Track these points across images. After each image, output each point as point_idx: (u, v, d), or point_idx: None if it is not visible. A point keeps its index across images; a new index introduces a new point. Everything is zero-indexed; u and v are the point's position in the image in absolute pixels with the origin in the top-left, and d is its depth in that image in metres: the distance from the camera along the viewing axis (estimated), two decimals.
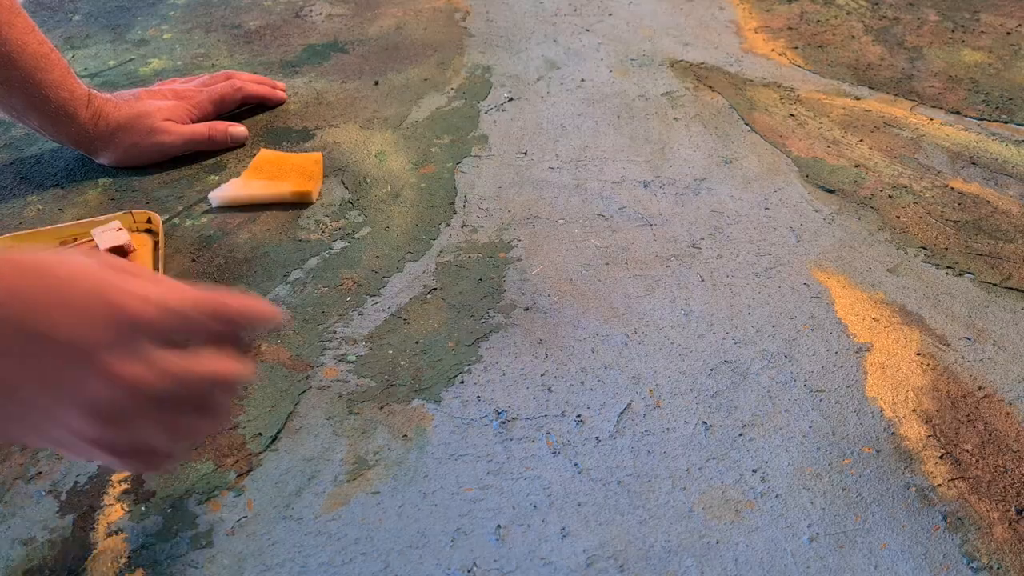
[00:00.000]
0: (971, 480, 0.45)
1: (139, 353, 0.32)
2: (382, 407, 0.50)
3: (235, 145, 0.75)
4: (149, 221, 0.64)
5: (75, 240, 0.62)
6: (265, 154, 0.72)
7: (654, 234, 0.63)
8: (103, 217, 0.63)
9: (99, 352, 0.31)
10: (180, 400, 0.33)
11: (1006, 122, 0.74)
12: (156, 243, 0.63)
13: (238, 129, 0.75)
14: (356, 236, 0.64)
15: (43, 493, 0.46)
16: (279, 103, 0.81)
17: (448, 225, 0.65)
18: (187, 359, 0.33)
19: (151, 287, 0.33)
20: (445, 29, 0.95)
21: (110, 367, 0.31)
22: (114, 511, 0.45)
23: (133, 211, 0.64)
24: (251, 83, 0.80)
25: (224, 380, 0.34)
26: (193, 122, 0.74)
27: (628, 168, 0.70)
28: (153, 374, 0.31)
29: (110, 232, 0.61)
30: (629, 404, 0.50)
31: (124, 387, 0.31)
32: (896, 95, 0.78)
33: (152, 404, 0.32)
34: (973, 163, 0.69)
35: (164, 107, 0.73)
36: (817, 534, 0.43)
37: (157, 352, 0.32)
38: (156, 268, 0.61)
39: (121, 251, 0.61)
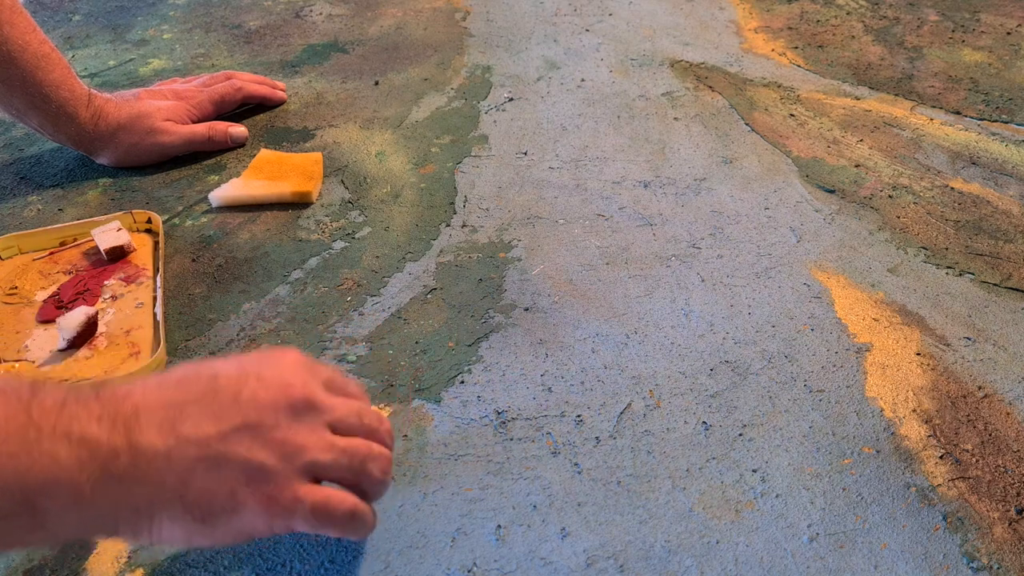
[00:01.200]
0: (971, 480, 0.45)
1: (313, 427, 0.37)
2: (382, 407, 0.50)
3: (235, 145, 0.75)
4: (149, 221, 0.64)
5: (75, 240, 0.62)
6: (265, 154, 0.72)
7: (654, 234, 0.63)
8: (103, 217, 0.63)
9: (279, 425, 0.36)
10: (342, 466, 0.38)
11: (1006, 122, 0.74)
12: (156, 243, 0.63)
13: (238, 129, 0.75)
14: (356, 236, 0.64)
15: None
16: (279, 103, 0.81)
17: (448, 225, 0.65)
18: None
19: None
20: (445, 29, 0.95)
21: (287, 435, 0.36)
22: None
23: (133, 211, 0.64)
24: (251, 83, 0.80)
25: (380, 456, 0.39)
26: (193, 122, 0.74)
27: (628, 168, 0.70)
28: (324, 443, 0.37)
29: (110, 232, 0.61)
30: (629, 404, 0.50)
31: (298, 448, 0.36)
32: (896, 95, 0.78)
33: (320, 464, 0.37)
34: (973, 163, 0.69)
35: (164, 107, 0.73)
36: (817, 534, 0.43)
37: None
38: (156, 268, 0.60)
39: (121, 251, 0.61)
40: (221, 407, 0.35)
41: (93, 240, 0.62)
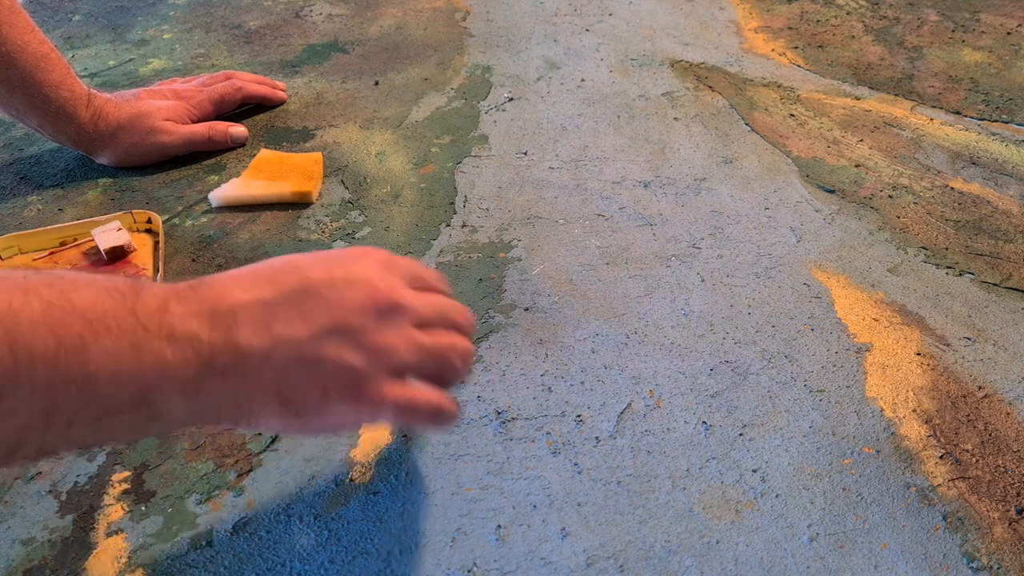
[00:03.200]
0: (971, 480, 0.45)
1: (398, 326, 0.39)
2: None
3: (235, 145, 0.75)
4: (149, 221, 0.64)
5: (75, 240, 0.62)
6: (265, 154, 0.72)
7: (654, 234, 0.63)
8: (103, 217, 0.63)
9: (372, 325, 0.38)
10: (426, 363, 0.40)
11: (1006, 122, 0.74)
12: (156, 243, 0.63)
13: (238, 129, 0.75)
14: (356, 236, 0.64)
15: (43, 493, 0.46)
16: (279, 103, 0.81)
17: (448, 225, 0.65)
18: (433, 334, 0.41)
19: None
20: (445, 29, 0.95)
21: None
22: (114, 511, 0.45)
23: (133, 211, 0.64)
24: (251, 83, 0.80)
25: (462, 349, 0.41)
26: (193, 122, 0.74)
27: (628, 168, 0.70)
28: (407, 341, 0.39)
29: (110, 232, 0.61)
30: (629, 404, 0.50)
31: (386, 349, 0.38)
32: (896, 95, 0.78)
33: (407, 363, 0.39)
34: (973, 163, 0.69)
35: (164, 107, 0.73)
36: (817, 534, 0.43)
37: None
38: (156, 268, 0.61)
39: (121, 251, 0.61)
40: (312, 309, 0.37)
41: (93, 240, 0.62)
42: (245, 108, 0.80)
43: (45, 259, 0.61)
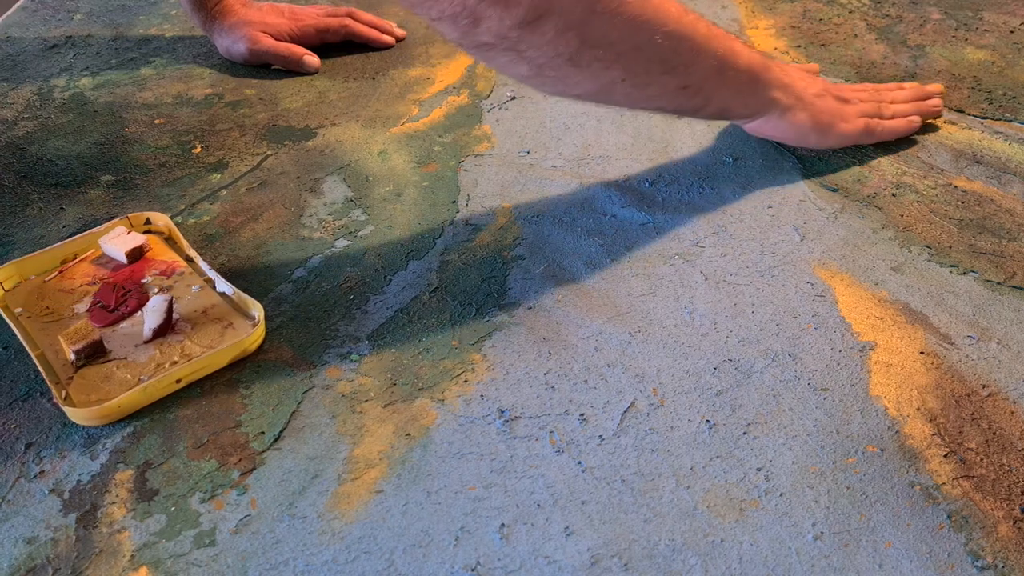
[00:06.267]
0: (976, 479, 0.45)
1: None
2: (385, 406, 0.50)
3: (305, 71, 0.86)
4: (148, 222, 0.64)
5: (75, 257, 0.61)
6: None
7: (657, 232, 0.63)
8: (101, 228, 0.62)
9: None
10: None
11: (1009, 120, 0.73)
12: (166, 239, 0.63)
13: (312, 59, 0.86)
14: (359, 234, 0.64)
15: (46, 492, 0.46)
16: (384, 47, 0.90)
17: (451, 223, 0.65)
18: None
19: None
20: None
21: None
22: (117, 509, 0.45)
23: (129, 216, 0.64)
24: (359, 24, 0.90)
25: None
26: (292, 41, 0.87)
27: (631, 167, 0.70)
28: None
29: (120, 237, 0.61)
30: (633, 403, 0.50)
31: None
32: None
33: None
34: (976, 161, 0.69)
35: (270, 21, 0.87)
36: (822, 532, 0.42)
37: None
38: (187, 257, 0.61)
39: (139, 251, 0.61)
40: (813, 81, 0.69)
41: (98, 251, 0.61)
42: (355, 45, 0.90)
43: (56, 278, 0.60)
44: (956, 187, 0.66)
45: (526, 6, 0.48)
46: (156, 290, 0.58)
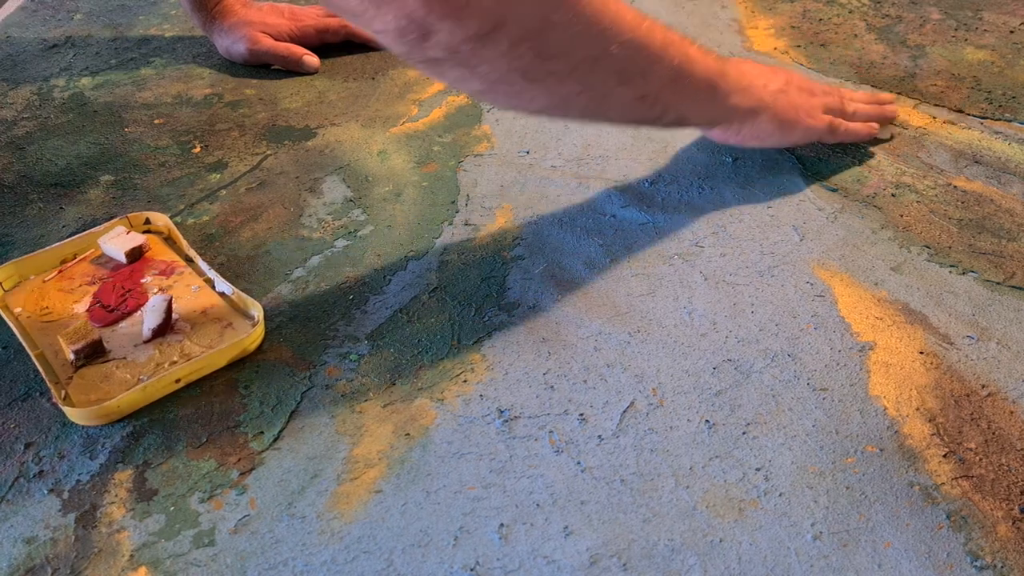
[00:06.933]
0: (975, 479, 0.45)
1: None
2: (385, 406, 0.50)
3: (305, 71, 0.86)
4: (147, 222, 0.64)
5: (75, 257, 0.61)
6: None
7: (657, 232, 0.63)
8: (101, 228, 0.62)
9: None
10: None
11: (1009, 120, 0.73)
12: (166, 239, 0.63)
13: (311, 59, 0.86)
14: (358, 234, 0.64)
15: (45, 491, 0.46)
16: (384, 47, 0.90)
17: (451, 223, 0.65)
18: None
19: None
20: None
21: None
22: (116, 509, 0.45)
23: (128, 216, 0.64)
24: None
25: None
26: (292, 41, 0.87)
27: (631, 166, 0.70)
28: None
29: (120, 238, 0.61)
30: (632, 402, 0.50)
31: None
32: (899, 93, 0.78)
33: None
34: (976, 161, 0.69)
35: (270, 22, 0.86)
36: (821, 532, 0.42)
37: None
38: (187, 257, 0.61)
39: (139, 251, 0.61)
40: (774, 75, 0.67)
41: (97, 251, 0.61)
42: (355, 45, 0.89)
43: (55, 279, 0.60)
44: (956, 187, 0.66)
45: (479, 18, 0.45)
46: (155, 290, 0.58)
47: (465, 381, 0.51)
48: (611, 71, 0.53)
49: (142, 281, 0.59)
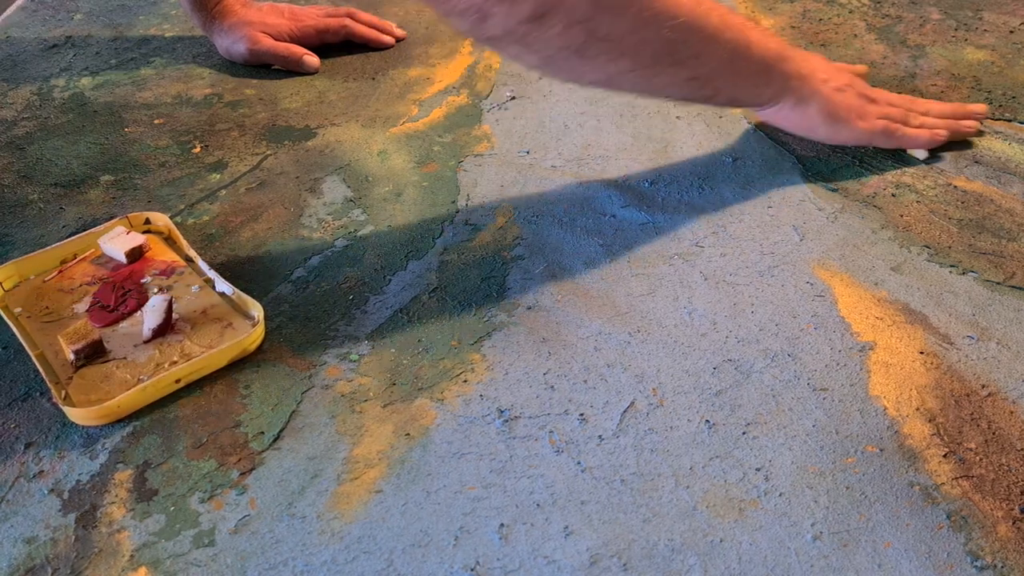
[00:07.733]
0: (975, 479, 0.45)
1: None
2: (385, 406, 0.50)
3: (305, 71, 0.86)
4: (147, 222, 0.64)
5: (75, 257, 0.61)
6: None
7: (657, 232, 0.63)
8: (101, 228, 0.62)
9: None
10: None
11: (1009, 120, 0.73)
12: (166, 239, 0.63)
13: (311, 59, 0.86)
14: (358, 234, 0.64)
15: (45, 491, 0.46)
16: (384, 47, 0.90)
17: (451, 223, 0.65)
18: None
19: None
20: (447, 27, 0.95)
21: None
22: (116, 509, 0.45)
23: (128, 216, 0.64)
24: (361, 24, 0.89)
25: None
26: (292, 41, 0.87)
27: (631, 167, 0.70)
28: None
29: (120, 238, 0.61)
30: (632, 403, 0.50)
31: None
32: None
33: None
34: (976, 161, 0.69)
35: (270, 22, 0.87)
36: (821, 532, 0.42)
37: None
38: (187, 257, 0.60)
39: (139, 251, 0.61)
40: (839, 73, 0.69)
41: (97, 251, 0.61)
42: (355, 45, 0.89)
43: (56, 278, 0.60)
44: (956, 187, 0.66)
45: (532, 3, 0.50)
46: (156, 290, 0.58)
47: (465, 381, 0.51)
48: (663, 52, 0.56)
49: (142, 281, 0.59)
